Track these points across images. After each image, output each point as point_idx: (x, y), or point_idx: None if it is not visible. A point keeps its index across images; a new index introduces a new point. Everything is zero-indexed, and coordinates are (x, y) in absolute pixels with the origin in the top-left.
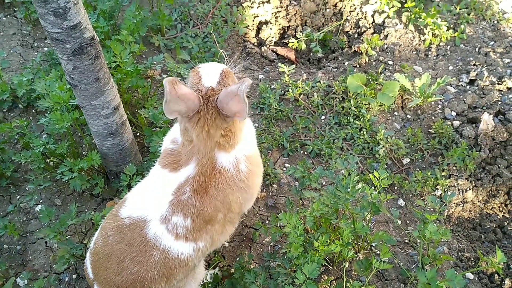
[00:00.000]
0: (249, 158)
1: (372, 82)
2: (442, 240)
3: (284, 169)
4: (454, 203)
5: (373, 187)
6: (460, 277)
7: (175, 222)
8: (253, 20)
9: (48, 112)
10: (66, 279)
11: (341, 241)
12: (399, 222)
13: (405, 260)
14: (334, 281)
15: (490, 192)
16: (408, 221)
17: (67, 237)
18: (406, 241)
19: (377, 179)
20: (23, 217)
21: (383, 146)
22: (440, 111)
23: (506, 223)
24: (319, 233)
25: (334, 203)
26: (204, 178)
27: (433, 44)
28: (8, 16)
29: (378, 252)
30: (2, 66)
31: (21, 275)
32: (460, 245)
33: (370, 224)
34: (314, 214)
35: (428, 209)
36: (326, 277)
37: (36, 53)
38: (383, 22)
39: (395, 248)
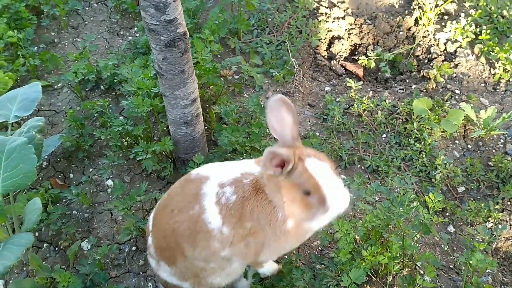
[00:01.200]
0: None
1: (437, 108)
2: (487, 270)
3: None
4: (504, 237)
5: (426, 209)
6: None
7: (225, 192)
8: (326, 34)
9: (130, 96)
10: (126, 250)
11: (389, 254)
12: (447, 247)
13: (448, 285)
14: None
15: None
16: (455, 248)
17: (133, 212)
18: (451, 266)
19: (432, 201)
20: (93, 188)
21: (440, 171)
22: (502, 145)
23: None
24: (368, 244)
25: (387, 218)
26: (261, 189)
27: (503, 79)
28: (99, 3)
29: (422, 272)
30: (90, 49)
31: (87, 240)
32: (504, 279)
33: (418, 245)
34: (366, 225)
35: (477, 239)
36: (369, 287)
37: (121, 41)
38: (455, 51)
39: (439, 271)
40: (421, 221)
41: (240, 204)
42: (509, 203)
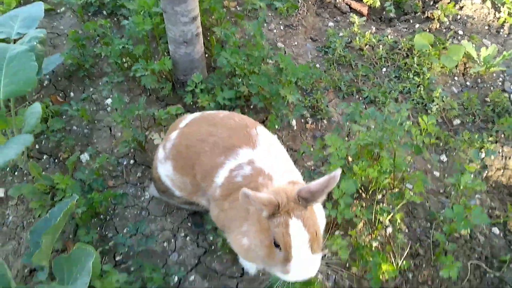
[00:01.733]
0: None
1: (438, 44)
2: (476, 196)
3: (337, 109)
4: (495, 167)
5: (419, 131)
6: (486, 216)
7: (240, 172)
8: None
9: (131, 16)
10: (124, 163)
11: (379, 167)
12: (438, 173)
13: (436, 206)
14: (365, 207)
15: None
16: (446, 175)
17: (131, 126)
18: (441, 191)
19: (425, 123)
20: (93, 106)
21: (437, 104)
22: (500, 83)
23: None
24: (360, 160)
25: (379, 137)
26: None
27: (507, 22)
28: None
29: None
30: None
31: (86, 152)
32: (492, 204)
33: (408, 169)
34: (359, 143)
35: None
36: (358, 202)
37: None
38: None
39: (429, 194)
40: (413, 142)
41: (235, 189)
42: (502, 135)
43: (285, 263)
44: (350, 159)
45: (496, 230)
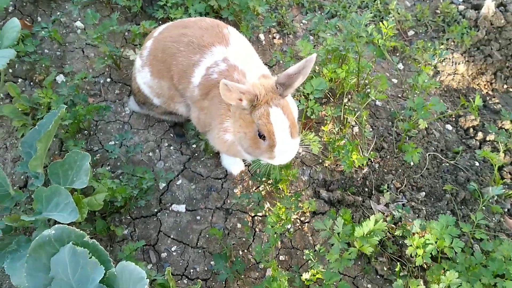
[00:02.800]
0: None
1: None
2: (430, 98)
3: (301, 24)
4: (446, 73)
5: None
6: (442, 103)
7: (215, 69)
8: None
9: None
10: (101, 81)
11: (346, 67)
12: (396, 81)
13: (396, 107)
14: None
15: (480, 69)
16: (403, 81)
17: (106, 43)
18: (399, 96)
19: (385, 27)
20: (62, 30)
21: (393, 16)
22: None
23: (488, 99)
24: (329, 63)
25: (346, 38)
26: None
27: None
28: None
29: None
30: None
31: (61, 73)
32: (445, 104)
33: (371, 77)
34: (327, 47)
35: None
36: (327, 106)
37: None
38: None
39: (388, 98)
40: (376, 45)
41: (213, 86)
42: (452, 43)
43: (270, 149)
44: (317, 68)
45: (449, 126)
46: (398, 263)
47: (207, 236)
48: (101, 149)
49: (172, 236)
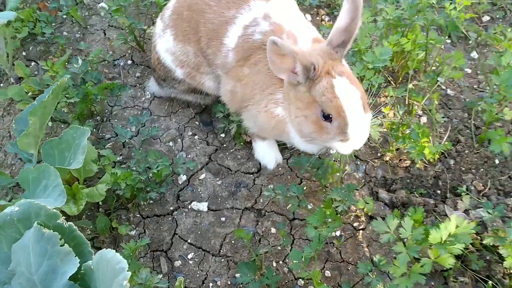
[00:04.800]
0: None
1: None
2: None
3: None
4: None
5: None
6: None
7: (257, 28)
8: None
9: None
10: (121, 63)
11: (413, 36)
12: (469, 71)
13: (472, 98)
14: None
15: None
16: (479, 72)
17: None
18: (475, 87)
19: None
20: (85, 12)
21: None
22: None
23: None
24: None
25: (412, 2)
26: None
27: None
28: None
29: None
30: None
31: (78, 56)
32: None
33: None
34: (388, 18)
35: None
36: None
37: None
38: None
39: (462, 88)
40: (448, 18)
41: (255, 49)
42: None
43: (342, 131)
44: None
45: None
46: (487, 284)
47: (232, 242)
48: (114, 137)
49: (189, 241)
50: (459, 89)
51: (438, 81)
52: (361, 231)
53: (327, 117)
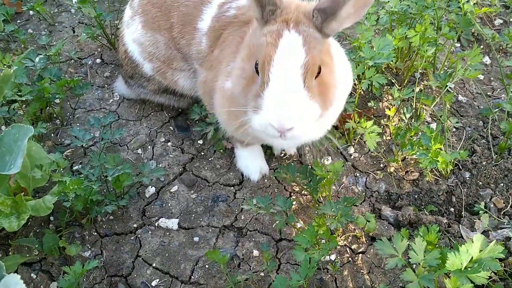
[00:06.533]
0: None
1: None
2: None
3: None
4: None
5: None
6: None
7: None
8: None
9: None
10: (89, 63)
11: (422, 28)
12: (482, 77)
13: (486, 106)
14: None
15: None
16: (492, 78)
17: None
18: (489, 94)
19: None
20: (54, 9)
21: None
22: None
23: None
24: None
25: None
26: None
27: None
28: None
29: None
30: None
31: (40, 55)
32: None
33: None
34: (391, 10)
35: None
36: (392, 91)
37: None
38: None
39: (475, 95)
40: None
41: (226, 26)
42: None
43: (257, 93)
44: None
45: None
46: None
47: (206, 266)
48: (74, 143)
49: (154, 264)
50: (471, 95)
51: (447, 86)
52: (360, 255)
53: (257, 71)
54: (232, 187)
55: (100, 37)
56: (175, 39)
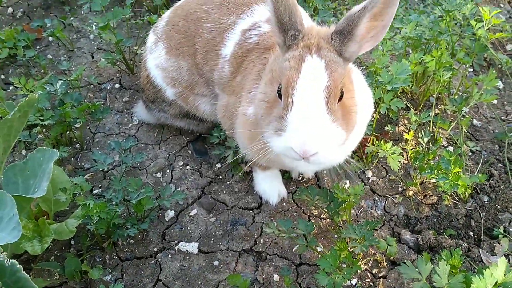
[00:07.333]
0: None
1: None
2: None
3: None
4: None
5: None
6: None
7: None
8: None
9: None
10: (108, 87)
11: (439, 53)
12: (495, 102)
13: (498, 128)
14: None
15: None
16: (505, 103)
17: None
18: (502, 118)
19: (488, 13)
20: (73, 35)
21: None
22: None
23: None
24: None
25: (434, 25)
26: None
27: None
28: None
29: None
30: None
31: (61, 80)
32: None
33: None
34: (407, 35)
35: None
36: (409, 115)
37: None
38: None
39: (489, 119)
40: (474, 37)
41: (248, 52)
42: None
43: (281, 115)
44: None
45: None
46: None
47: None
48: (94, 167)
49: None
50: (486, 119)
51: (462, 110)
52: (381, 279)
53: (280, 95)
54: (250, 211)
55: (119, 63)
56: (199, 65)
